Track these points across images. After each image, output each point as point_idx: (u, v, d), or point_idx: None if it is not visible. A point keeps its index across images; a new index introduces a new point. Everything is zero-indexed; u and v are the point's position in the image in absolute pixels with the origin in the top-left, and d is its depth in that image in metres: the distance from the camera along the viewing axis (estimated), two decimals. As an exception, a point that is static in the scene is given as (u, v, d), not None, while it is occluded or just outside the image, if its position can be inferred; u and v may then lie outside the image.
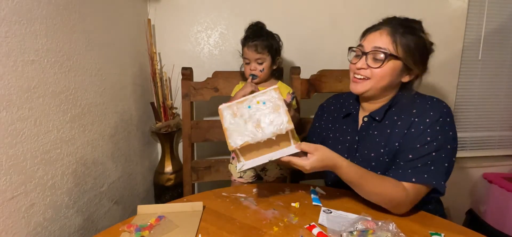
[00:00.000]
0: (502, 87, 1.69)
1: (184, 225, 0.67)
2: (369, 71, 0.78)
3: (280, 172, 1.14)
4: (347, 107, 0.93)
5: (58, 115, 0.79)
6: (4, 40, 0.62)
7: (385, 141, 0.79)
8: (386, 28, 0.77)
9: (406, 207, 0.73)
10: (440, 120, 0.74)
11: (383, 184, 0.72)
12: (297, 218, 0.71)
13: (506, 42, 1.64)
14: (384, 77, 0.77)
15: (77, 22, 0.86)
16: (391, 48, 0.75)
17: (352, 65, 0.83)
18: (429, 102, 0.78)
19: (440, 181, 0.72)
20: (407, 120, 0.77)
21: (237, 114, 0.71)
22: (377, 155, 0.80)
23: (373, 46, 0.77)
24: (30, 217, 0.71)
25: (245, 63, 1.08)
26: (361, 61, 0.79)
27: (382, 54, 0.75)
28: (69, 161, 0.84)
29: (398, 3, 1.46)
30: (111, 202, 1.07)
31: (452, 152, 0.75)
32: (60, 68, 0.79)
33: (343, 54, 1.46)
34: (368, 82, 0.79)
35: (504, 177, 1.58)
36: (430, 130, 0.73)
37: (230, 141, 0.68)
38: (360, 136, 0.86)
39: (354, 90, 0.83)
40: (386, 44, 0.75)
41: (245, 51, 1.06)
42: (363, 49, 0.79)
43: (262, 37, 1.04)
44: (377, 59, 0.76)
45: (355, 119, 0.89)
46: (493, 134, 1.75)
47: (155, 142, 1.49)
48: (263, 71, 1.06)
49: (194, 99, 1.25)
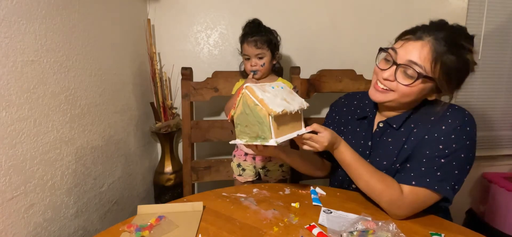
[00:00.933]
0: (502, 87, 1.69)
1: (184, 225, 0.67)
2: (395, 84, 0.70)
3: (282, 174, 1.14)
4: (362, 109, 0.88)
5: (58, 115, 0.79)
6: (4, 40, 0.62)
7: (399, 149, 0.75)
8: (430, 40, 0.66)
9: (402, 209, 0.69)
10: (458, 128, 0.68)
11: (377, 175, 0.71)
12: (297, 218, 0.71)
13: (506, 42, 1.64)
14: (410, 95, 0.70)
15: (77, 22, 0.86)
16: (428, 68, 0.66)
17: (378, 69, 0.74)
18: (449, 110, 0.72)
19: (445, 187, 0.67)
20: (423, 128, 0.73)
21: (266, 91, 0.71)
22: (388, 163, 0.76)
23: (408, 60, 0.67)
24: (29, 217, 0.71)
25: (245, 59, 1.09)
26: (389, 71, 0.71)
27: (416, 72, 0.67)
28: (69, 161, 0.84)
29: (398, 3, 1.46)
30: (111, 202, 1.07)
31: (466, 160, 0.69)
32: (59, 68, 0.79)
33: (343, 54, 1.47)
34: (390, 94, 0.72)
35: (504, 177, 1.58)
36: (444, 138, 0.69)
37: (271, 107, 0.66)
38: (374, 141, 0.82)
39: (373, 97, 0.76)
40: (424, 61, 0.66)
41: (244, 48, 1.07)
42: (395, 58, 0.70)
43: (261, 32, 1.06)
44: (408, 75, 0.68)
45: (371, 123, 0.84)
46: (493, 134, 1.75)
47: (155, 142, 1.49)
48: (264, 66, 1.07)
49: (194, 99, 1.24)
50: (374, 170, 0.73)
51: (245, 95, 0.69)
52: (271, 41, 1.08)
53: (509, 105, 1.72)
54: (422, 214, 0.72)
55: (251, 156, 1.13)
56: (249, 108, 0.69)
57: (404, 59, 0.69)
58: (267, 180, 1.15)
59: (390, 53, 0.71)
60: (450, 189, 0.68)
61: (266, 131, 0.68)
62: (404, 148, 0.75)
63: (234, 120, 0.74)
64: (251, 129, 0.70)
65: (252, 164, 1.14)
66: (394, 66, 0.70)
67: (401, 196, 0.69)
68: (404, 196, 0.69)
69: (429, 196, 0.69)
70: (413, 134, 0.75)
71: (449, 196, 0.68)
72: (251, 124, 0.70)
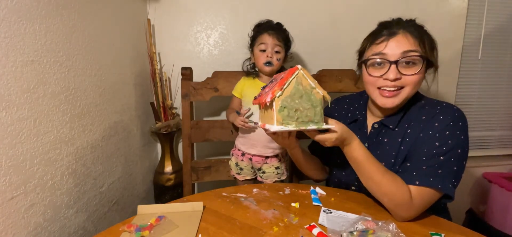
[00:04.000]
0: (502, 87, 1.69)
1: (184, 225, 0.67)
2: (403, 79, 0.71)
3: (276, 176, 1.14)
4: (353, 112, 0.89)
5: (58, 115, 0.79)
6: (4, 40, 0.62)
7: (396, 150, 0.76)
8: (403, 31, 0.71)
9: (410, 212, 0.69)
10: (451, 124, 0.70)
11: (388, 175, 0.69)
12: (297, 218, 0.71)
13: (506, 42, 1.64)
14: (419, 82, 0.72)
15: (77, 22, 0.86)
16: (420, 49, 0.70)
17: (375, 78, 0.74)
18: (438, 107, 0.74)
19: (448, 185, 0.68)
20: (416, 127, 0.74)
21: None
22: (387, 164, 0.76)
23: (402, 52, 0.70)
24: (29, 217, 0.71)
25: (260, 50, 1.05)
26: (392, 72, 0.71)
27: (417, 57, 0.69)
28: (69, 161, 0.84)
29: (398, 3, 1.46)
30: (111, 202, 1.07)
31: (462, 156, 0.70)
32: (59, 68, 0.79)
33: (343, 54, 1.47)
34: (403, 91, 0.72)
35: (504, 177, 1.58)
36: (439, 134, 0.70)
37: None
38: (370, 143, 0.82)
39: (390, 105, 0.74)
40: (415, 45, 0.69)
41: (264, 37, 1.04)
42: (387, 58, 0.71)
43: (281, 29, 1.08)
44: (411, 63, 0.70)
45: (362, 126, 0.85)
46: (493, 134, 1.75)
47: (155, 142, 1.49)
48: (279, 61, 1.07)
49: (194, 99, 1.24)
50: (385, 170, 0.70)
51: (300, 76, 0.64)
52: (288, 39, 1.10)
53: (509, 105, 1.72)
54: (422, 214, 0.72)
55: (248, 156, 1.13)
56: (304, 90, 0.65)
57: (398, 53, 0.70)
58: (261, 181, 1.15)
59: (381, 58, 0.72)
60: (452, 186, 0.69)
61: (320, 115, 0.66)
62: (401, 150, 0.75)
63: (276, 103, 0.64)
64: (304, 113, 0.65)
65: (249, 165, 1.14)
66: (392, 65, 0.70)
67: (410, 199, 0.68)
68: (412, 198, 0.68)
69: (433, 195, 0.69)
70: (408, 135, 0.75)
71: (451, 193, 0.69)
72: (303, 108, 0.65)
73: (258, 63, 1.08)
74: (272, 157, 1.11)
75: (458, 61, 1.58)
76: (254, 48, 1.09)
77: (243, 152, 1.13)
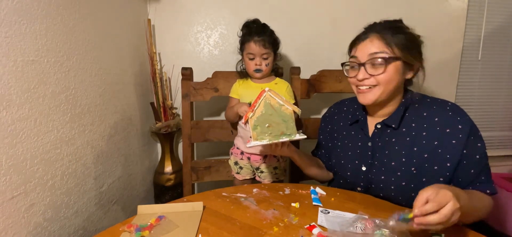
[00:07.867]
0: (502, 87, 1.69)
1: (184, 225, 0.67)
2: (374, 79, 0.76)
3: (275, 176, 1.14)
4: (353, 113, 0.91)
5: (58, 115, 0.79)
6: (4, 40, 0.62)
7: (407, 150, 0.78)
8: (375, 34, 0.76)
9: None
10: (472, 130, 0.75)
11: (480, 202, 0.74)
12: (297, 218, 0.71)
13: (506, 42, 1.64)
14: (391, 81, 0.75)
15: (77, 22, 0.86)
16: (388, 50, 0.74)
17: (352, 79, 0.82)
18: (450, 112, 0.77)
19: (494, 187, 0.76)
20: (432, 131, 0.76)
21: None
22: (398, 164, 0.78)
23: (368, 54, 0.76)
24: (30, 217, 0.71)
25: (249, 58, 1.08)
26: (361, 72, 0.77)
27: (380, 59, 0.74)
28: (69, 161, 0.84)
29: (398, 3, 1.47)
30: (111, 202, 1.07)
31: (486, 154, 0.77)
32: (60, 68, 0.79)
33: (343, 55, 1.47)
34: (377, 89, 0.77)
35: (504, 177, 1.58)
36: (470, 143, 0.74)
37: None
38: (374, 143, 0.83)
39: (365, 101, 0.80)
40: (380, 48, 0.75)
41: (250, 47, 1.05)
42: (357, 61, 0.78)
43: (267, 33, 1.07)
44: (377, 64, 0.75)
45: (363, 126, 0.87)
46: (493, 134, 1.75)
47: (155, 142, 1.49)
48: (268, 66, 1.08)
49: (194, 99, 1.25)
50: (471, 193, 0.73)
51: (268, 97, 0.76)
52: (276, 41, 1.10)
53: (509, 106, 1.72)
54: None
55: (247, 155, 1.13)
56: (272, 108, 0.76)
57: (365, 56, 0.76)
58: (260, 181, 1.16)
59: (352, 61, 0.80)
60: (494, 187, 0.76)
61: (291, 128, 0.77)
62: (414, 149, 0.77)
63: (251, 122, 0.77)
64: (275, 128, 0.77)
65: (249, 163, 1.14)
66: (361, 67, 0.77)
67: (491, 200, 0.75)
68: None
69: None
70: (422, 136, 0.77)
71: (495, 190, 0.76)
72: (275, 123, 0.77)
73: (248, 70, 1.11)
74: (270, 157, 1.12)
75: (458, 61, 1.59)
76: (243, 53, 1.10)
77: (242, 150, 1.14)
